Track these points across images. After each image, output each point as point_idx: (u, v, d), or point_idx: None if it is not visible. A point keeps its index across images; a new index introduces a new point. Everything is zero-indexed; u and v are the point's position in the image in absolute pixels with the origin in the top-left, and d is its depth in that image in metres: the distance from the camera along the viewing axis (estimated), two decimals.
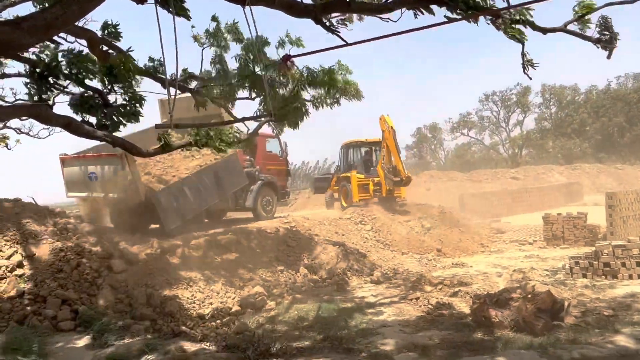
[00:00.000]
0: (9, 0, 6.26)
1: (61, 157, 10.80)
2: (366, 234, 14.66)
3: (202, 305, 8.30)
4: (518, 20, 5.10)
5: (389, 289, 10.06)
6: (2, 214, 8.37)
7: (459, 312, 7.89)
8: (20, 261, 7.40)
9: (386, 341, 6.27)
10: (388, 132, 16.45)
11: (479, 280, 10.29)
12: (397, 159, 16.62)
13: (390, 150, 16.67)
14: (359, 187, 17.51)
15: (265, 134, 14.13)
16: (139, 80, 6.28)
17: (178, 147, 6.30)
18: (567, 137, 49.80)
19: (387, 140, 16.62)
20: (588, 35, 5.24)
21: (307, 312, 8.20)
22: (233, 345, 5.74)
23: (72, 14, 3.83)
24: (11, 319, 6.49)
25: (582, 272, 9.92)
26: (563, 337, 5.92)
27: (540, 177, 36.38)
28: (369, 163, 18.93)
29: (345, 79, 7.62)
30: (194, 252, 9.74)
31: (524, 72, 5.59)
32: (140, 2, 4.86)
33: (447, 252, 14.63)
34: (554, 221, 14.99)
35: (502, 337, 5.95)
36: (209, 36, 7.00)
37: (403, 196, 17.71)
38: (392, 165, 16.87)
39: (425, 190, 28.48)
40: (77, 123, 5.63)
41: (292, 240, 11.84)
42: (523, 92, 51.65)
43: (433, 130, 58.54)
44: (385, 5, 5.46)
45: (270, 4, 5.20)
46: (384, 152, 16.97)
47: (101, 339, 5.85)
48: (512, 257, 13.53)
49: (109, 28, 5.72)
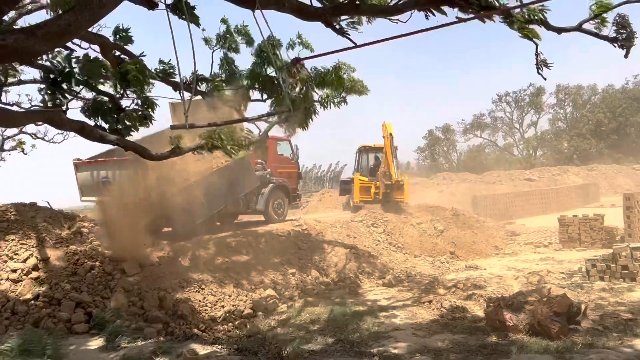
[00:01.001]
0: (25, 8, 6.40)
1: (75, 162, 10.97)
2: (378, 236, 14.58)
3: (214, 308, 8.33)
4: (532, 20, 5.02)
5: (402, 292, 9.98)
6: (18, 218, 8.51)
7: (472, 315, 7.79)
8: (35, 264, 7.51)
9: (398, 345, 6.21)
10: (387, 138, 17.15)
11: (493, 283, 10.16)
12: (390, 164, 17.25)
13: (387, 155, 17.38)
14: (360, 189, 18.34)
15: (276, 136, 14.15)
16: (151, 84, 6.34)
17: (189, 150, 6.32)
18: (582, 137, 49.01)
19: (385, 146, 17.39)
20: (604, 35, 5.14)
21: (318, 315, 8.18)
22: (245, 348, 5.74)
23: (84, 21, 3.87)
24: (27, 321, 6.58)
25: (600, 275, 9.73)
26: (580, 341, 5.81)
27: (556, 179, 35.84)
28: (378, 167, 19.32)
29: (351, 77, 7.60)
30: (206, 254, 9.79)
31: (538, 73, 5.50)
32: (151, 8, 4.91)
33: (460, 255, 14.48)
34: (570, 223, 14.75)
35: (517, 341, 5.85)
36: (220, 39, 7.04)
37: (406, 200, 18.06)
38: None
39: (438, 192, 28.27)
40: (90, 128, 5.69)
41: (304, 243, 11.84)
42: (536, 93, 51.01)
43: (445, 132, 58.09)
44: (395, 7, 5.43)
45: (281, 8, 5.20)
46: (384, 157, 17.70)
47: (114, 341, 5.90)
48: (527, 260, 13.34)
49: (120, 33, 5.77)
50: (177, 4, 4.80)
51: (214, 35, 7.52)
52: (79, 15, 3.76)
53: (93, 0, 3.87)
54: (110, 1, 3.94)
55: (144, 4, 4.84)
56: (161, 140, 9.23)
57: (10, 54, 3.71)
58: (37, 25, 3.79)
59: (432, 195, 24.17)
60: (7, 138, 15.32)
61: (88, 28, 4.66)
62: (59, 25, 3.74)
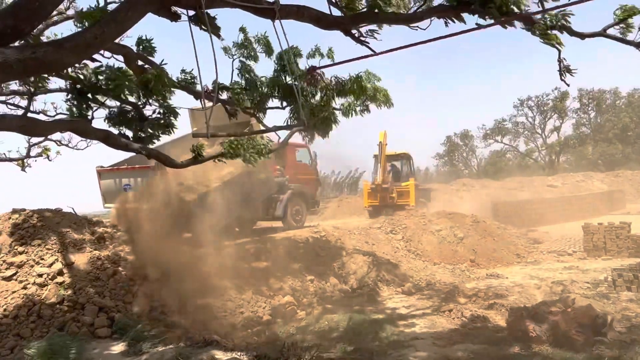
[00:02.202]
0: (51, 20, 6.61)
1: (98, 170, 11.22)
2: (397, 243, 14.48)
3: (233, 314, 8.39)
4: (554, 26, 4.95)
5: (421, 300, 9.88)
6: (44, 224, 8.72)
7: (494, 325, 7.66)
8: (60, 269, 7.68)
9: (418, 354, 6.15)
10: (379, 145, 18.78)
11: (515, 293, 9.98)
12: (380, 170, 18.92)
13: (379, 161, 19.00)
14: (369, 195, 19.60)
15: (295, 143, 14.23)
16: (172, 92, 6.46)
17: (210, 158, 6.41)
18: (607, 142, 47.80)
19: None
20: (630, 40, 5.03)
21: (337, 322, 8.16)
22: (264, 354, 5.75)
23: (110, 33, 3.99)
24: (52, 325, 6.73)
25: (626, 284, 9.46)
26: (606, 353, 5.65)
27: (580, 185, 35.00)
28: (397, 174, 20.93)
29: (375, 86, 7.59)
30: (225, 261, 9.86)
31: (561, 79, 5.40)
32: (174, 20, 5.02)
33: (481, 263, 14.25)
34: (595, 231, 14.37)
35: (540, 353, 5.73)
36: (239, 47, 7.13)
37: (412, 204, 19.09)
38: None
39: (458, 198, 27.93)
40: (115, 136, 5.83)
41: (322, 249, 11.83)
42: (561, 97, 49.93)
43: (464, 137, 57.38)
44: (415, 15, 5.43)
45: (300, 18, 5.26)
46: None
47: (136, 346, 5.99)
48: (550, 269, 13.05)
49: (144, 43, 5.91)
50: (198, 15, 4.89)
51: (232, 43, 7.62)
52: (105, 28, 3.88)
53: (119, 13, 3.99)
54: (136, 14, 4.05)
55: (167, 16, 4.95)
56: (181, 145, 9.40)
57: (40, 66, 3.83)
58: (65, 38, 3.92)
59: (451, 202, 23.89)
60: (33, 145, 15.74)
61: (114, 40, 4.79)
62: (86, 38, 3.86)
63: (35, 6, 3.60)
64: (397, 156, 21.05)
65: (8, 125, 4.63)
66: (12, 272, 7.61)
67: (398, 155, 21.03)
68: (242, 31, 7.37)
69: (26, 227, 8.50)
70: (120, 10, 4.01)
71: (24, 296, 7.17)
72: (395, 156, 20.97)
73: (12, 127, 4.67)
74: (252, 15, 5.05)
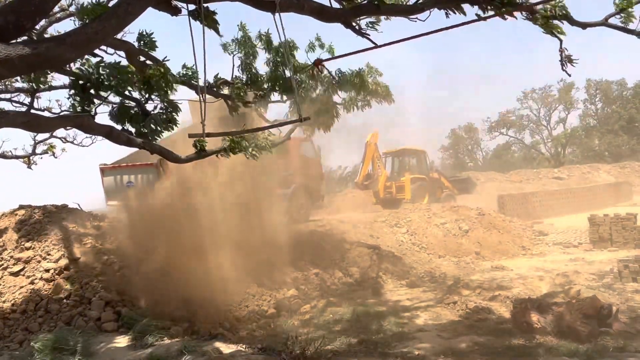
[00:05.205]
0: (54, 17, 6.63)
1: (101, 167, 11.22)
2: (401, 236, 14.48)
3: (238, 308, 8.44)
4: (555, 16, 4.90)
5: (425, 293, 9.89)
6: (50, 220, 8.81)
7: (498, 316, 7.66)
8: (67, 264, 7.77)
9: (422, 346, 6.17)
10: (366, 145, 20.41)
11: (520, 284, 9.96)
12: (363, 167, 20.76)
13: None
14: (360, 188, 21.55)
15: (299, 137, 14.21)
16: (174, 88, 6.47)
17: (212, 153, 6.42)
18: (614, 134, 47.38)
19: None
20: (631, 29, 4.97)
21: (341, 315, 8.19)
22: (269, 347, 5.80)
23: (110, 28, 3.99)
24: (59, 320, 6.82)
25: (632, 276, 9.42)
26: (610, 344, 5.64)
27: (586, 177, 34.78)
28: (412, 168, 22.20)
29: (376, 81, 7.57)
30: (230, 254, 9.90)
31: (563, 69, 5.35)
32: (174, 14, 5.02)
33: (486, 255, 14.23)
34: (601, 222, 14.29)
35: (545, 344, 5.74)
36: (238, 44, 7.11)
37: (407, 198, 20.33)
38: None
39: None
40: (117, 132, 5.84)
41: (326, 243, 11.85)
42: (566, 89, 49.44)
43: (468, 130, 57.06)
44: (416, 6, 5.39)
45: (301, 10, 5.23)
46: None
47: (142, 339, 6.05)
48: (556, 261, 13.00)
49: (145, 39, 5.91)
50: (198, 10, 4.89)
51: (232, 39, 7.60)
52: (105, 23, 3.88)
53: (119, 8, 3.99)
54: (136, 9, 4.05)
55: (167, 10, 4.95)
56: (180, 139, 9.42)
57: (42, 62, 3.85)
58: (67, 33, 3.93)
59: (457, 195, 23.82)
60: (39, 142, 15.82)
61: (115, 35, 4.80)
62: (87, 33, 3.87)
63: (37, 1, 3.61)
64: (414, 152, 22.58)
65: (12, 122, 4.65)
66: (19, 267, 7.70)
67: (414, 150, 22.62)
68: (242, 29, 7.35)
69: (32, 223, 8.59)
70: (121, 4, 4.02)
71: (32, 291, 7.26)
72: (413, 151, 22.53)
73: (15, 123, 4.69)
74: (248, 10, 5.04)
